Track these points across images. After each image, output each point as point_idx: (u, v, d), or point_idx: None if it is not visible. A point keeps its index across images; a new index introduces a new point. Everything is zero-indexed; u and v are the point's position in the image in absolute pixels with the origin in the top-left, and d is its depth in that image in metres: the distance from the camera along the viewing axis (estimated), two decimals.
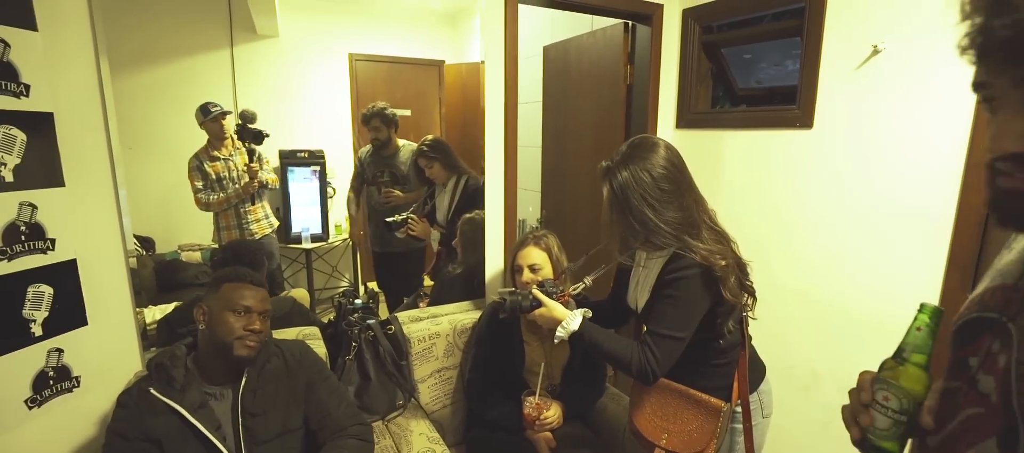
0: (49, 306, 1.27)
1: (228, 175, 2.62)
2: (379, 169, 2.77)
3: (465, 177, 2.40)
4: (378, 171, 2.77)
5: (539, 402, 1.45)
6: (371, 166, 2.80)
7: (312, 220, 3.29)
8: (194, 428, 1.17)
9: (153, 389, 1.17)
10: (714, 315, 1.14)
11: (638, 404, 1.30)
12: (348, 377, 1.59)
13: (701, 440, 1.18)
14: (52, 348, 1.28)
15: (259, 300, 1.24)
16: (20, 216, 1.21)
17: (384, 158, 2.77)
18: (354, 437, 1.35)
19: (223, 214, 2.66)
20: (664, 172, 1.10)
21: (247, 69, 3.27)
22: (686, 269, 1.10)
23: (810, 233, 1.76)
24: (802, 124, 1.74)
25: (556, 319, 1.23)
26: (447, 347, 1.75)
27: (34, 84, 1.21)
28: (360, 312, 1.69)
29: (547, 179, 2.94)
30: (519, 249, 1.60)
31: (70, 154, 1.29)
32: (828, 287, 1.72)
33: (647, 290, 1.20)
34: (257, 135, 2.61)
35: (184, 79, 3.07)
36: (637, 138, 1.18)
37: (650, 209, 1.09)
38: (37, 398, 1.26)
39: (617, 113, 2.28)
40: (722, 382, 1.20)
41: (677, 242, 1.10)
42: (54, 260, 1.27)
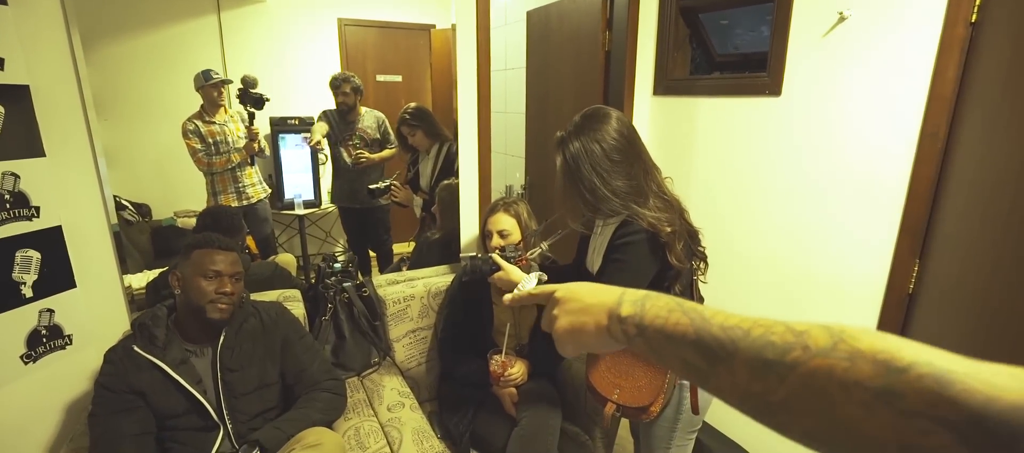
0: (38, 270, 1.35)
1: (224, 139, 2.69)
2: (346, 132, 2.91)
3: (447, 144, 2.45)
4: (346, 134, 2.91)
5: (504, 360, 1.53)
6: (334, 129, 2.94)
7: (304, 186, 3.36)
8: (176, 382, 1.27)
9: (137, 347, 1.26)
10: (662, 279, 1.20)
11: (593, 362, 1.37)
12: (324, 336, 1.68)
13: (649, 395, 1.26)
14: (43, 309, 1.37)
15: (229, 263, 1.31)
16: (3, 185, 1.28)
17: (348, 122, 2.91)
18: (327, 391, 1.45)
19: (219, 178, 2.74)
20: (614, 143, 1.15)
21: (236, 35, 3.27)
22: (633, 235, 1.15)
23: (773, 201, 1.80)
24: (771, 91, 1.75)
25: (512, 282, 1.30)
26: (422, 309, 1.83)
27: (8, 57, 1.26)
28: (338, 275, 1.77)
29: (531, 145, 2.97)
30: (490, 215, 1.66)
31: (48, 125, 1.34)
32: (788, 253, 1.77)
33: (601, 255, 1.26)
34: (258, 100, 2.67)
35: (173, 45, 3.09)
36: (590, 109, 1.21)
37: (599, 178, 1.14)
38: (32, 354, 1.36)
39: (595, 80, 2.29)
40: None
41: (625, 209, 1.15)
42: (39, 227, 1.35)
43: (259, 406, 1.38)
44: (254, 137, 2.71)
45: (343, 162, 2.95)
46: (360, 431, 1.45)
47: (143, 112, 3.04)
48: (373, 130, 2.94)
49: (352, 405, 1.56)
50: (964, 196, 1.30)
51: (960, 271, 1.30)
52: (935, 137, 1.36)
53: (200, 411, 1.29)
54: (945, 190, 1.37)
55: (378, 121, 2.97)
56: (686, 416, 1.31)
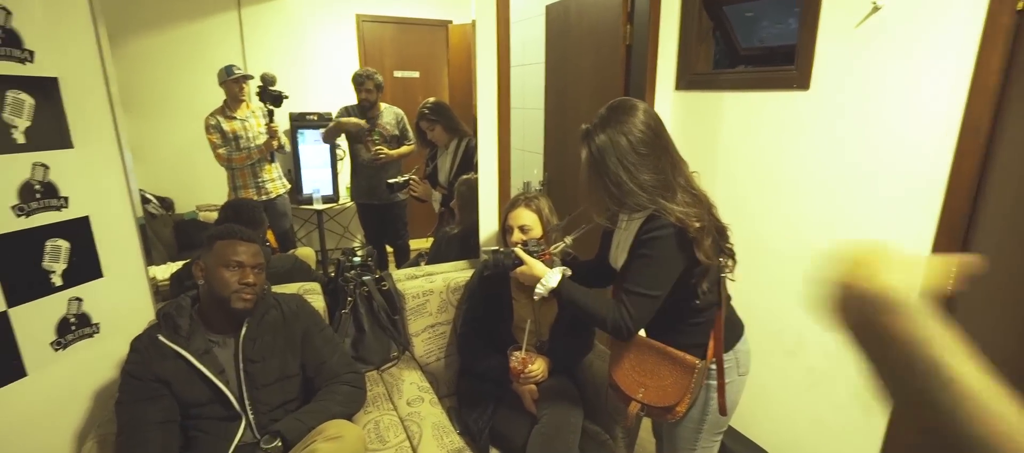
0: (67, 259, 1.37)
1: (245, 134, 2.72)
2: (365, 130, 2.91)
3: (466, 139, 2.44)
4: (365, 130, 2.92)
5: (524, 356, 1.52)
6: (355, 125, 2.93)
7: (323, 182, 3.38)
8: (199, 372, 1.28)
9: (161, 336, 1.28)
10: (689, 275, 1.17)
11: (617, 360, 1.35)
12: (344, 329, 1.68)
13: (675, 394, 1.24)
14: (72, 297, 1.39)
15: (251, 255, 1.31)
16: (34, 175, 1.29)
17: (369, 119, 2.91)
18: (347, 384, 1.45)
19: (240, 173, 2.78)
20: (641, 136, 1.12)
21: (256, 31, 3.31)
22: (660, 229, 1.13)
23: (803, 196, 1.75)
24: (799, 85, 1.71)
25: (535, 276, 1.29)
26: (441, 304, 1.82)
27: (38, 50, 1.28)
28: (357, 269, 1.77)
29: (549, 141, 2.94)
30: (510, 210, 1.65)
31: (76, 117, 1.36)
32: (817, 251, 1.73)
33: (625, 250, 1.24)
34: (277, 97, 2.71)
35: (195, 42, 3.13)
36: (616, 101, 1.19)
37: (625, 172, 1.11)
38: (61, 342, 1.38)
39: (616, 74, 2.26)
40: (698, 340, 1.24)
41: (652, 204, 1.13)
42: (68, 217, 1.37)
43: (280, 397, 1.39)
44: (273, 134, 2.74)
45: (362, 158, 2.97)
46: (380, 425, 1.45)
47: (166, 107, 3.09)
48: (392, 126, 2.95)
49: (372, 399, 1.55)
50: (1011, 192, 1.24)
51: (1005, 270, 1.25)
52: (977, 131, 1.30)
53: (223, 401, 1.30)
54: (988, 186, 1.31)
55: (397, 117, 2.98)
56: (713, 417, 1.28)
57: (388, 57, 3.78)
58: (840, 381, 1.72)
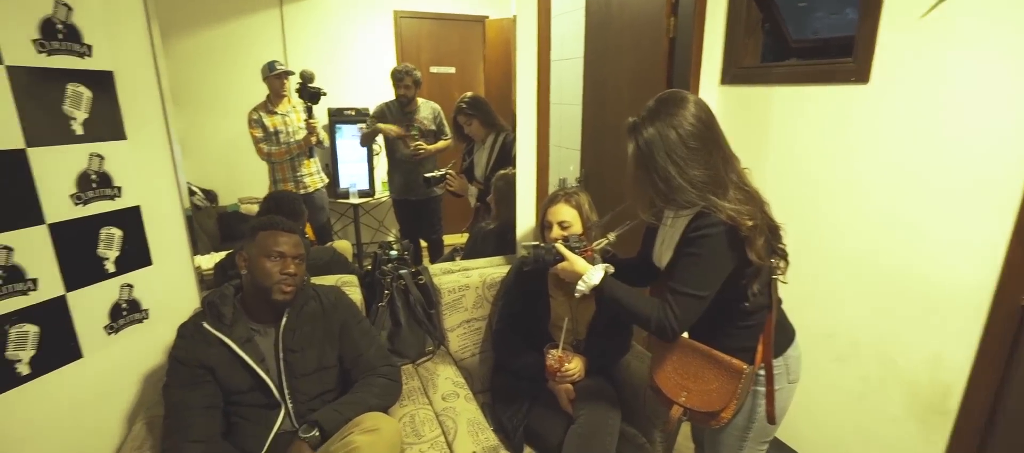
0: (119, 246, 1.42)
1: (285, 129, 2.79)
2: (403, 123, 2.93)
3: (503, 134, 2.42)
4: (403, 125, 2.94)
5: (561, 354, 1.49)
6: (392, 120, 2.96)
7: (359, 176, 3.43)
8: (241, 359, 1.30)
9: (206, 323, 1.31)
10: (739, 276, 1.12)
11: (659, 361, 1.31)
12: (381, 322, 1.69)
13: (720, 400, 1.19)
14: (124, 283, 1.44)
15: (292, 245, 1.33)
16: (91, 165, 1.34)
17: (406, 113, 2.93)
18: (383, 377, 1.45)
19: (279, 167, 2.85)
20: (692, 129, 1.07)
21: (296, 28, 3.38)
22: (710, 227, 1.08)
23: (859, 196, 1.66)
24: (857, 78, 1.62)
25: (577, 273, 1.25)
26: (477, 299, 1.81)
27: (96, 44, 1.32)
28: (394, 262, 1.77)
29: (587, 137, 2.89)
30: (549, 205, 1.61)
31: (129, 109, 1.40)
32: (876, 254, 1.63)
33: (671, 248, 1.20)
34: (314, 95, 2.76)
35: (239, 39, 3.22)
36: (666, 93, 1.14)
37: (674, 167, 1.06)
38: (114, 326, 1.43)
39: (658, 68, 2.20)
40: (746, 344, 1.19)
41: (702, 201, 1.08)
42: (121, 206, 1.41)
43: (318, 387, 1.40)
44: (312, 130, 2.79)
45: (399, 154, 2.99)
46: (415, 419, 1.45)
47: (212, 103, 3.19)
48: (429, 121, 2.96)
49: (407, 392, 1.56)
50: None
51: None
52: None
53: (263, 389, 1.32)
54: None
55: (434, 112, 2.99)
56: (759, 425, 1.23)
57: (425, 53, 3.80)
58: (895, 391, 1.62)
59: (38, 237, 1.25)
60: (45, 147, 1.24)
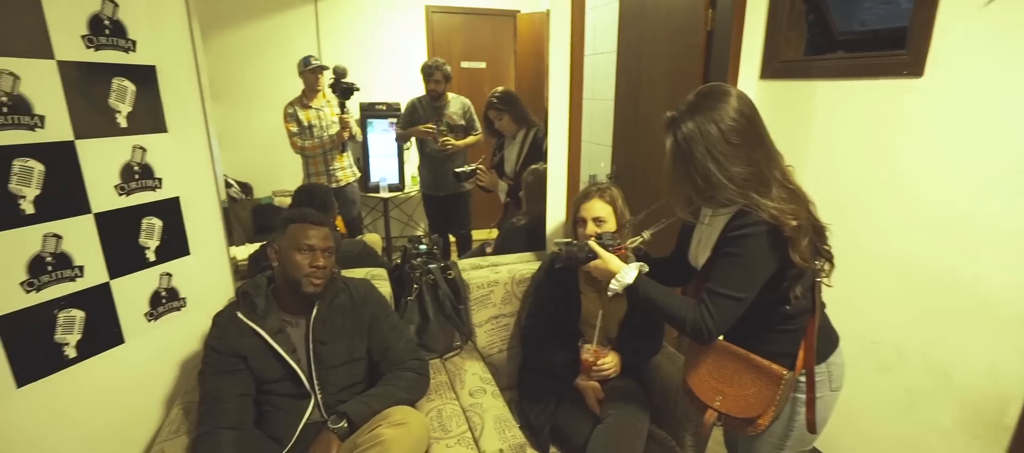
0: (160, 236, 1.46)
1: (319, 123, 2.84)
2: (433, 118, 2.93)
3: (534, 129, 2.40)
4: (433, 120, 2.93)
5: (597, 349, 1.46)
6: (421, 115, 2.96)
7: (389, 171, 3.46)
8: (273, 349, 1.32)
9: (240, 313, 1.33)
10: (781, 278, 1.07)
11: (694, 364, 1.27)
12: (409, 316, 1.69)
13: (757, 406, 1.14)
14: (163, 272, 1.48)
15: (321, 238, 1.34)
16: (133, 157, 1.38)
17: (436, 108, 2.92)
18: (411, 370, 1.45)
19: (313, 161, 2.90)
20: (734, 124, 1.02)
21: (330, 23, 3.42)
22: (751, 226, 1.03)
23: (909, 196, 1.57)
24: (910, 72, 1.53)
25: (610, 272, 1.22)
26: (505, 295, 1.80)
27: (140, 39, 1.36)
28: (423, 257, 1.78)
29: (619, 133, 2.84)
30: (583, 201, 1.58)
31: (170, 103, 1.44)
32: (927, 258, 1.54)
33: (709, 247, 1.15)
34: (346, 90, 2.80)
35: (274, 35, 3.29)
36: (707, 86, 1.10)
37: (714, 163, 1.02)
38: (153, 313, 1.47)
39: (694, 62, 2.13)
40: (786, 349, 1.14)
41: (743, 199, 1.03)
42: (161, 197, 1.46)
43: (347, 379, 1.41)
44: (345, 125, 2.83)
45: (429, 149, 3.00)
46: (442, 413, 1.45)
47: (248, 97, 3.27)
48: (459, 116, 2.96)
49: (434, 387, 1.56)
50: None
51: None
52: None
53: (294, 379, 1.34)
54: None
55: (464, 107, 2.99)
56: (798, 434, 1.17)
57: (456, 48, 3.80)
58: (944, 404, 1.53)
59: (85, 226, 1.29)
60: (92, 139, 1.29)
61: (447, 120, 2.91)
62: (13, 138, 1.15)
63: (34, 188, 1.19)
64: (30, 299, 1.21)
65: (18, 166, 1.16)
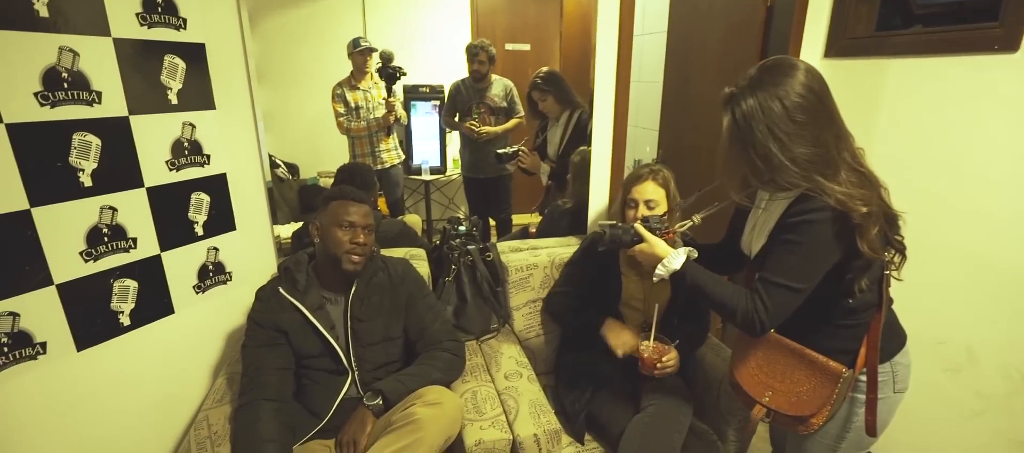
0: (208, 211, 1.51)
1: (366, 105, 2.87)
2: (474, 100, 2.91)
3: (578, 111, 2.33)
4: (473, 102, 2.91)
5: (656, 345, 1.40)
6: (465, 97, 2.93)
7: (431, 153, 3.47)
8: (313, 325, 1.34)
9: (282, 288, 1.35)
10: (845, 269, 0.99)
11: (742, 357, 1.19)
12: (446, 297, 1.68)
13: (811, 404, 1.06)
14: (211, 246, 1.53)
15: (362, 215, 1.34)
16: (183, 134, 1.42)
17: (479, 90, 2.89)
18: (447, 351, 1.44)
19: (359, 142, 2.94)
20: (800, 100, 0.94)
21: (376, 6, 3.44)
22: (814, 212, 0.95)
23: (993, 185, 1.42)
24: (1003, 46, 1.37)
25: (657, 256, 1.16)
26: (544, 279, 1.76)
27: (190, 17, 1.39)
28: (462, 238, 1.76)
29: (666, 116, 2.73)
30: (635, 183, 1.51)
31: (219, 81, 1.47)
32: (1008, 253, 1.40)
33: (765, 234, 1.08)
34: (391, 76, 2.82)
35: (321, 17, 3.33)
36: (771, 60, 1.01)
37: (776, 143, 0.94)
38: (201, 286, 1.52)
39: (751, 41, 2.00)
40: (847, 345, 1.05)
41: (806, 182, 0.95)
42: (210, 173, 1.49)
43: (383, 357, 1.42)
44: (390, 108, 2.85)
45: None
46: (477, 396, 1.43)
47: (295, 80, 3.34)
48: (500, 98, 2.92)
49: (470, 369, 1.54)
50: None
51: None
52: None
53: (332, 355, 1.36)
54: None
55: (506, 89, 2.94)
56: (855, 436, 1.09)
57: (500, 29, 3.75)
58: (1020, 411, 1.40)
59: (138, 199, 1.34)
60: (145, 115, 1.33)
61: (487, 102, 2.89)
62: (73, 113, 1.19)
63: (92, 162, 1.24)
64: (88, 268, 1.26)
65: (78, 140, 1.21)
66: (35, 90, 1.13)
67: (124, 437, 1.36)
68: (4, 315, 1.14)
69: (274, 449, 1.17)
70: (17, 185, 1.12)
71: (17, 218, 1.13)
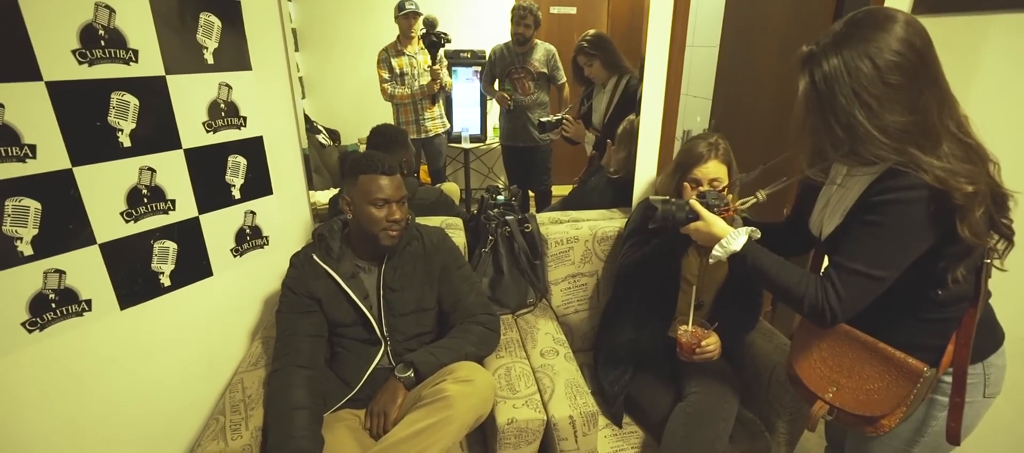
0: (244, 174, 1.49)
1: (411, 72, 2.82)
2: (514, 65, 2.81)
3: (627, 77, 2.19)
4: (513, 68, 2.81)
5: (695, 330, 1.31)
6: (505, 62, 2.83)
7: (472, 121, 3.39)
8: (346, 293, 1.31)
9: (315, 255, 1.33)
10: (937, 256, 0.86)
11: (804, 348, 1.08)
12: (483, 268, 1.63)
13: (883, 404, 0.95)
14: (247, 210, 1.52)
15: (394, 188, 1.28)
16: (220, 95, 1.40)
17: (520, 55, 2.79)
18: (482, 325, 1.40)
19: (403, 109, 2.90)
20: (896, 59, 0.80)
21: None
22: (906, 190, 0.82)
23: None
24: None
25: (715, 236, 1.06)
26: (585, 253, 1.68)
27: None
28: (500, 208, 1.69)
29: (721, 84, 2.54)
30: (695, 164, 1.36)
31: (255, 42, 1.43)
32: None
33: (840, 213, 0.95)
34: (434, 44, 2.75)
35: None
36: (862, 11, 0.86)
37: (863, 110, 0.81)
38: (239, 249, 1.52)
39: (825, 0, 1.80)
40: (931, 341, 0.93)
41: (898, 155, 0.82)
42: (246, 135, 1.47)
43: (416, 328, 1.39)
44: (435, 76, 2.78)
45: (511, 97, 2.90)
46: (512, 372, 1.38)
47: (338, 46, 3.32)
48: (541, 63, 2.80)
49: (504, 344, 1.49)
50: None
51: None
52: None
53: (365, 324, 1.33)
54: None
55: (547, 54, 2.82)
56: (931, 441, 0.97)
57: None
58: None
59: (176, 161, 1.33)
60: (181, 75, 1.30)
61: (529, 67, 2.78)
62: (111, 72, 1.18)
63: (130, 122, 1.23)
64: (129, 228, 1.27)
65: (116, 100, 1.20)
66: (73, 47, 1.12)
67: (165, 395, 1.39)
68: (51, 272, 1.16)
69: (305, 416, 1.16)
70: (59, 144, 1.12)
71: (61, 177, 1.14)
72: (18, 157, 1.08)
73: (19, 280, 1.11)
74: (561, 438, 1.26)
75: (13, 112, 1.05)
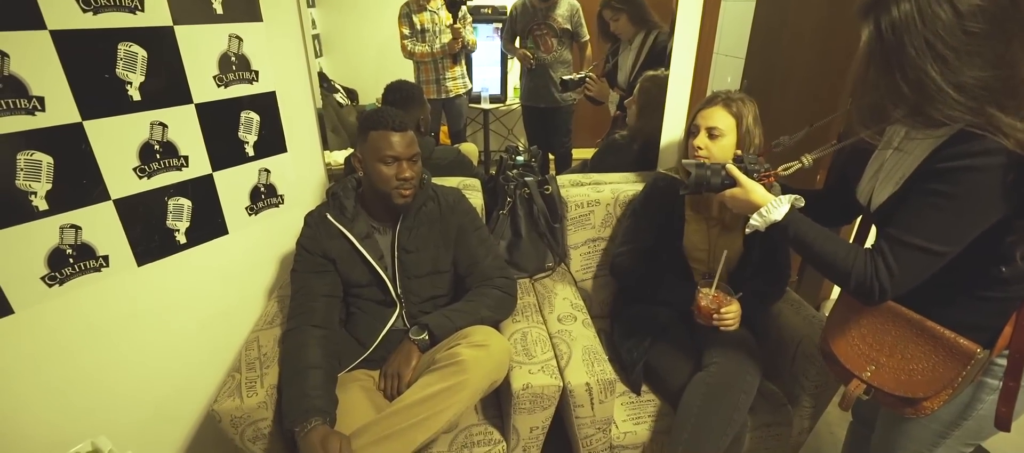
0: (258, 131, 1.46)
1: (432, 29, 2.72)
2: (536, 21, 2.67)
3: (655, 32, 2.07)
4: (535, 24, 2.67)
5: (717, 294, 1.25)
6: (528, 17, 2.69)
7: (491, 80, 3.28)
8: (361, 254, 1.29)
9: (329, 214, 1.30)
10: (1006, 230, 0.78)
11: (841, 324, 1.01)
12: (500, 231, 1.59)
13: (927, 385, 0.88)
14: (262, 168, 1.49)
15: (405, 145, 1.22)
16: (230, 47, 1.35)
17: (542, 10, 2.64)
18: (498, 289, 1.37)
19: (424, 68, 2.82)
20: (981, 2, 0.70)
21: None
22: (981, 156, 0.73)
23: None
24: None
25: (754, 204, 0.98)
26: (606, 217, 1.62)
27: None
28: (520, 169, 1.63)
29: (756, 42, 2.39)
30: (703, 108, 1.32)
31: None
32: None
33: (895, 181, 0.87)
34: (454, 3, 2.62)
35: None
36: None
37: (937, 64, 0.71)
38: (254, 207, 1.50)
39: None
40: (986, 321, 0.85)
41: (975, 115, 0.72)
42: (259, 90, 1.43)
43: (431, 290, 1.36)
44: (457, 35, 2.68)
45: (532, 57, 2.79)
46: (528, 337, 1.35)
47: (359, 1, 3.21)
48: (564, 19, 2.67)
49: (521, 308, 1.46)
50: None
51: None
52: None
53: (380, 285, 1.31)
54: None
55: (571, 9, 2.68)
56: (974, 425, 0.92)
57: None
58: None
59: (188, 116, 1.30)
60: (190, 26, 1.26)
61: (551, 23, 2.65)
62: (116, 21, 1.14)
63: (139, 74, 1.20)
64: (143, 185, 1.25)
65: (123, 51, 1.16)
66: None
67: (182, 351, 1.40)
68: (67, 227, 1.16)
69: (319, 375, 1.15)
70: (68, 97, 1.10)
71: (71, 131, 1.12)
72: (27, 109, 1.05)
73: (36, 234, 1.11)
74: (577, 405, 1.24)
75: (18, 62, 1.02)
